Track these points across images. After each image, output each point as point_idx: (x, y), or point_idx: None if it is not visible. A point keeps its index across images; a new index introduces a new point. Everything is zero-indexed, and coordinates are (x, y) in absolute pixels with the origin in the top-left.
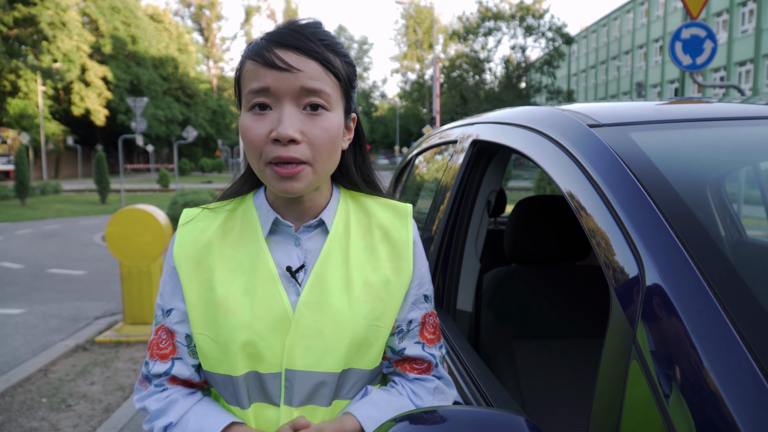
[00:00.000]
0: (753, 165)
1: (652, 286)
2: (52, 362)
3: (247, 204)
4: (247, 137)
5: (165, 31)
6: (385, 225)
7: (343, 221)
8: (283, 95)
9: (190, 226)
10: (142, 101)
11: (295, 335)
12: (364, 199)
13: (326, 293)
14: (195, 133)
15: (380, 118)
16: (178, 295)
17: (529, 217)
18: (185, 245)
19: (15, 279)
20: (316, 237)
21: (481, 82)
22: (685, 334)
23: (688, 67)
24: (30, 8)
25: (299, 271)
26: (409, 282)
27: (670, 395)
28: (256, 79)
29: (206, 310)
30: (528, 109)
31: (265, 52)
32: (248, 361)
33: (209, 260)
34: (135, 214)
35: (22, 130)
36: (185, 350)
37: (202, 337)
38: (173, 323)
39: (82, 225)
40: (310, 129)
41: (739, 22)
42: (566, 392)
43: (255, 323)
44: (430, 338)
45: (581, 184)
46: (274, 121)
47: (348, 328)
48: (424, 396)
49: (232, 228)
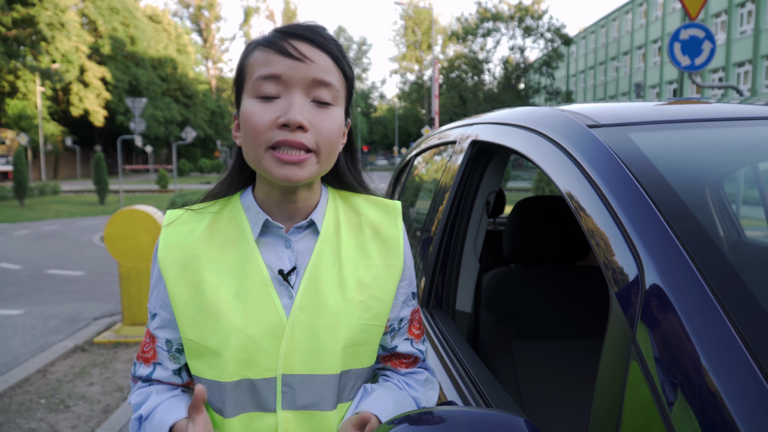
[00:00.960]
0: (752, 165)
1: (652, 286)
2: (51, 363)
3: (234, 205)
4: (251, 122)
5: (164, 31)
6: (375, 223)
7: (333, 221)
8: (294, 84)
9: (174, 228)
10: (141, 102)
11: (292, 339)
12: (352, 198)
13: (320, 295)
14: (194, 134)
15: (379, 119)
16: (160, 301)
17: (528, 217)
18: (171, 248)
19: (14, 280)
20: (306, 238)
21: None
22: (685, 335)
23: (687, 67)
24: (29, 9)
25: (291, 273)
26: (400, 279)
27: (670, 396)
28: (267, 65)
29: (195, 314)
30: (527, 110)
31: (279, 41)
32: (239, 367)
33: (197, 264)
34: (134, 215)
35: (21, 131)
36: (165, 355)
37: (190, 342)
38: (154, 328)
39: (81, 226)
40: (318, 120)
41: (738, 23)
42: (566, 393)
43: (248, 328)
44: (417, 334)
45: (580, 184)
46: (283, 108)
47: (344, 329)
48: (418, 387)
49: (219, 230)
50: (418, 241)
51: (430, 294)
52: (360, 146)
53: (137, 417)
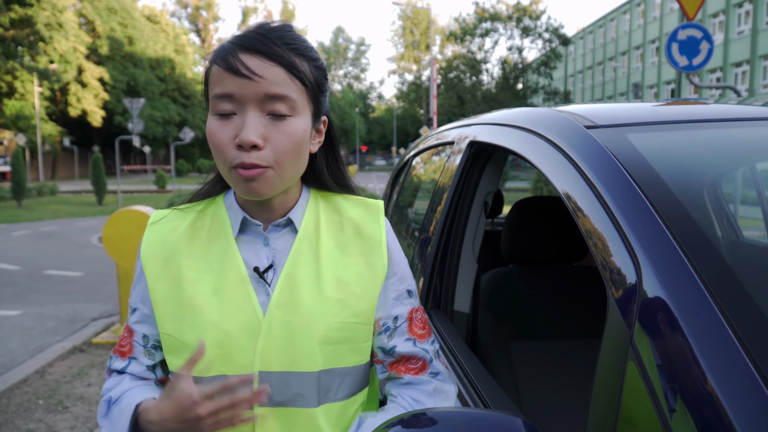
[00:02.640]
0: (750, 166)
1: (649, 287)
2: (49, 364)
3: (218, 205)
4: (213, 142)
5: (162, 32)
6: (357, 222)
7: (312, 220)
8: (246, 101)
9: (158, 226)
10: (139, 102)
11: (268, 337)
12: (335, 198)
13: (297, 293)
14: (192, 134)
15: (377, 119)
16: (140, 296)
17: (526, 218)
18: (153, 244)
19: (12, 280)
20: (285, 236)
21: (478, 83)
22: (682, 336)
23: (685, 68)
24: (26, 9)
25: (267, 271)
26: (384, 277)
27: (668, 397)
28: (220, 84)
29: (173, 310)
30: (525, 111)
31: (229, 57)
32: (216, 363)
33: (177, 260)
34: (132, 216)
35: (19, 132)
36: (141, 350)
37: (168, 337)
38: (132, 322)
39: (79, 226)
40: (273, 134)
41: (735, 23)
42: (564, 393)
43: (224, 323)
44: (420, 333)
45: (578, 185)
46: (239, 126)
47: (320, 326)
48: (426, 400)
49: (201, 228)
50: (416, 241)
51: (428, 294)
52: (358, 146)
53: (107, 399)
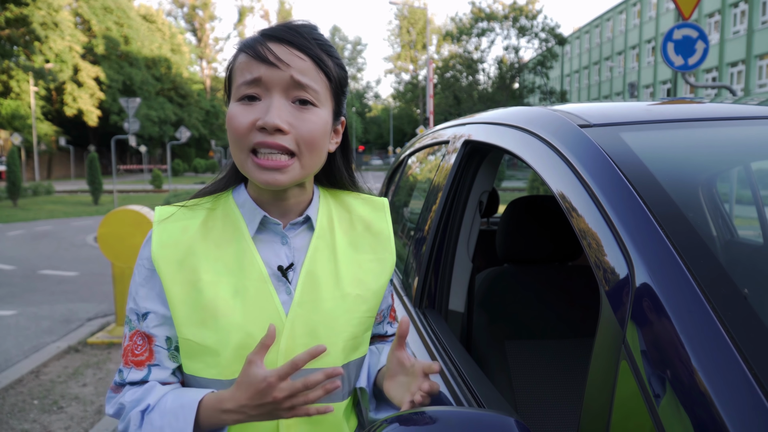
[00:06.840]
0: (744, 165)
1: (642, 286)
2: (44, 364)
3: (227, 202)
4: (232, 125)
5: (158, 31)
6: (366, 219)
7: (326, 218)
8: (273, 86)
9: (168, 225)
10: (135, 102)
11: (292, 336)
12: (341, 195)
13: (318, 290)
14: (188, 134)
15: (374, 119)
16: (155, 298)
17: (521, 217)
18: (166, 246)
19: (7, 280)
20: (301, 234)
21: (475, 82)
22: (675, 335)
23: (680, 67)
24: (22, 8)
25: (289, 269)
26: (392, 272)
27: (660, 395)
28: (248, 70)
29: (192, 313)
30: (519, 110)
31: (257, 45)
32: (239, 365)
33: (192, 261)
34: (127, 215)
35: (14, 131)
36: (165, 354)
37: (187, 342)
38: (151, 327)
39: (75, 226)
40: (298, 121)
41: (731, 23)
42: (559, 392)
43: (248, 325)
44: (394, 316)
45: (572, 184)
46: (262, 110)
47: (342, 323)
48: None
49: (214, 227)
50: (411, 240)
51: (423, 294)
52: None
53: (142, 409)
